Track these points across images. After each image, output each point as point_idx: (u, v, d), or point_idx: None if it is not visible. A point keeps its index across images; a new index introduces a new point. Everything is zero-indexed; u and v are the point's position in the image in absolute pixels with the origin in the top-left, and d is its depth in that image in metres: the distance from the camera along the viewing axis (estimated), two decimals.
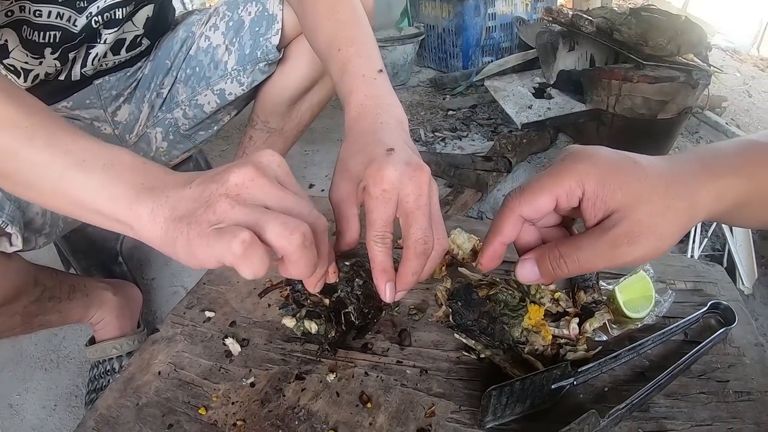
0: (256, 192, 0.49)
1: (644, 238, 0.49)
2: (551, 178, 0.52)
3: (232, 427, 0.66)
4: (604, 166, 0.51)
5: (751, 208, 0.53)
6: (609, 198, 0.50)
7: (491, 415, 0.61)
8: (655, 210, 0.49)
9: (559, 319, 0.70)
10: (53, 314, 1.10)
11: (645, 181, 0.50)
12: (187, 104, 1.25)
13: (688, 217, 0.50)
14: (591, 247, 0.50)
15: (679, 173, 0.51)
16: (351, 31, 0.78)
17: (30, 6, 0.96)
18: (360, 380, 0.71)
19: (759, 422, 0.63)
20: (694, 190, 0.50)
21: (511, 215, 0.54)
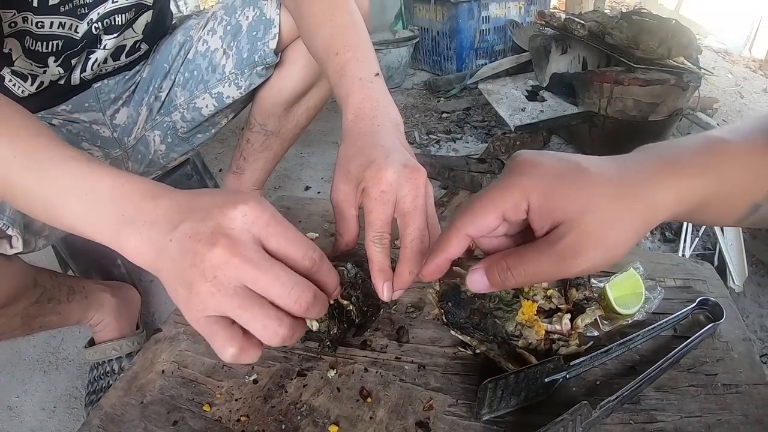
0: (232, 275, 0.48)
1: (591, 249, 0.47)
2: (495, 194, 0.51)
3: (236, 423, 0.68)
4: (548, 177, 0.49)
5: (715, 207, 0.51)
6: (554, 210, 0.48)
7: (487, 407, 0.63)
8: (602, 220, 0.47)
9: (552, 316, 0.72)
10: (53, 316, 1.11)
11: (592, 190, 0.48)
12: (185, 107, 1.27)
13: (642, 222, 0.48)
14: (537, 260, 0.49)
15: (634, 176, 0.49)
16: (348, 35, 0.80)
17: (32, 18, 0.97)
18: (360, 376, 0.72)
19: (747, 414, 0.65)
20: (651, 192, 0.48)
21: (457, 234, 0.53)
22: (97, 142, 1.21)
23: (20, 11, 0.96)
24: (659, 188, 0.48)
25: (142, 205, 0.52)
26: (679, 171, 0.49)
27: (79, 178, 0.54)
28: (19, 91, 1.07)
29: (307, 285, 0.50)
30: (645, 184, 0.48)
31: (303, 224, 1.05)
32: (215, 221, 0.49)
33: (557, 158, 0.50)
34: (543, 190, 0.48)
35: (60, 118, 1.16)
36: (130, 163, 1.30)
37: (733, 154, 0.49)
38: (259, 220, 0.49)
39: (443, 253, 0.55)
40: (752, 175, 0.49)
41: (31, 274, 1.02)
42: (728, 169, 0.49)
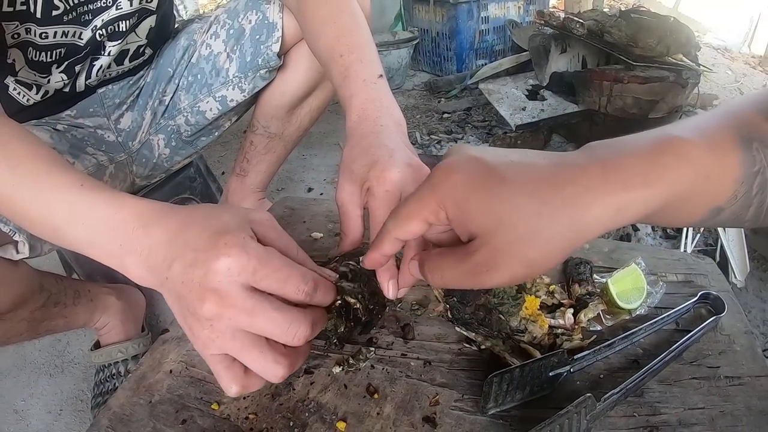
0: (226, 324, 0.49)
1: (505, 266, 0.45)
2: (418, 202, 0.49)
3: (244, 421, 0.68)
4: (463, 188, 0.46)
5: (667, 214, 0.47)
6: (468, 223, 0.46)
7: (493, 401, 0.64)
8: (517, 237, 0.44)
9: (555, 311, 0.73)
10: (59, 319, 1.12)
11: (510, 204, 0.44)
12: (189, 111, 1.28)
13: (567, 240, 0.44)
14: (453, 268, 0.48)
15: (566, 188, 0.44)
16: (352, 37, 0.81)
17: (36, 29, 0.98)
18: (366, 373, 0.73)
19: (749, 405, 0.66)
20: (582, 208, 0.44)
21: (388, 236, 0.53)
22: (102, 147, 1.22)
23: (23, 23, 0.96)
24: (594, 204, 0.43)
25: (135, 237, 0.54)
26: (622, 182, 0.44)
27: (76, 207, 0.56)
28: (24, 100, 1.08)
29: (303, 319, 0.52)
30: (577, 200, 0.44)
31: (307, 224, 1.06)
32: (202, 270, 0.49)
33: (479, 164, 0.47)
34: (457, 203, 0.46)
35: (64, 124, 1.17)
36: (134, 166, 1.31)
37: (692, 158, 0.45)
38: (245, 271, 0.50)
39: (378, 250, 0.55)
40: (713, 180, 0.45)
41: (36, 278, 1.02)
42: (683, 176, 0.44)
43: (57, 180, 0.58)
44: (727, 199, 0.46)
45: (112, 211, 0.55)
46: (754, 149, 0.45)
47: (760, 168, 0.45)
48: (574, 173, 0.45)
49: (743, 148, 0.45)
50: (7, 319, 0.96)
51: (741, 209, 0.47)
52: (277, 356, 0.52)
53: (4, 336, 0.98)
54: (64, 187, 0.57)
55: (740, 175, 0.45)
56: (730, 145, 0.45)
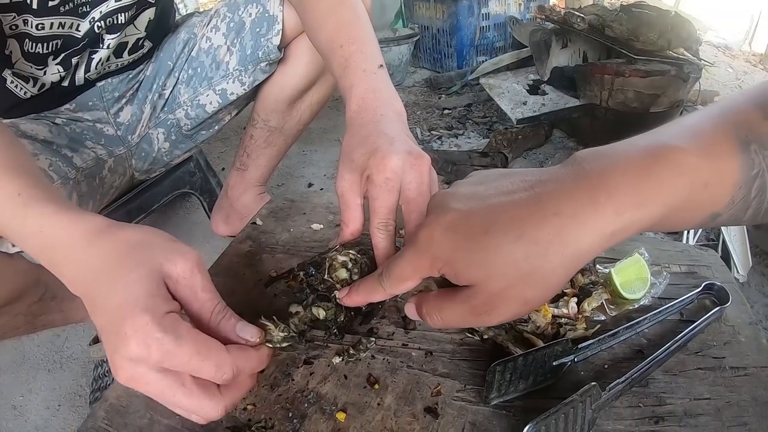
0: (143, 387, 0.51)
1: (503, 307, 0.46)
2: (410, 266, 0.52)
3: (242, 411, 0.67)
4: (450, 242, 0.47)
5: (663, 225, 0.46)
6: (461, 276, 0.47)
7: (496, 391, 0.63)
8: (511, 282, 0.45)
9: (558, 300, 0.72)
10: (56, 314, 1.11)
11: (497, 253, 0.44)
12: (189, 104, 1.27)
13: (564, 271, 0.44)
14: (453, 311, 0.49)
15: (549, 222, 0.43)
16: (352, 28, 0.80)
17: (32, 20, 0.98)
18: (367, 363, 0.72)
19: (755, 396, 0.65)
20: (574, 238, 0.43)
21: (381, 291, 0.57)
22: (101, 141, 1.22)
23: (20, 14, 0.96)
24: (585, 233, 0.43)
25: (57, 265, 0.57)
26: (613, 206, 0.42)
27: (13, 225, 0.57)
28: (22, 93, 1.07)
29: (208, 404, 0.52)
30: (566, 232, 0.43)
31: (307, 216, 1.05)
32: (114, 345, 0.49)
33: (462, 220, 0.47)
34: (447, 260, 0.47)
35: (63, 117, 1.17)
36: (133, 160, 1.31)
37: (689, 169, 0.43)
38: (149, 360, 0.48)
39: (366, 297, 0.61)
40: (710, 190, 0.44)
41: (34, 272, 1.01)
42: (679, 189, 0.43)
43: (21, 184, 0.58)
44: (725, 204, 0.45)
45: (37, 230, 0.56)
46: (753, 152, 0.44)
47: (759, 171, 0.44)
48: (558, 203, 0.44)
49: (742, 152, 0.44)
50: (4, 313, 0.95)
51: (739, 212, 0.46)
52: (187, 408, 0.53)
53: (1, 330, 0.97)
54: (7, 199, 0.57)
55: (738, 180, 0.44)
56: (728, 149, 0.44)
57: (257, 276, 0.90)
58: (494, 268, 0.45)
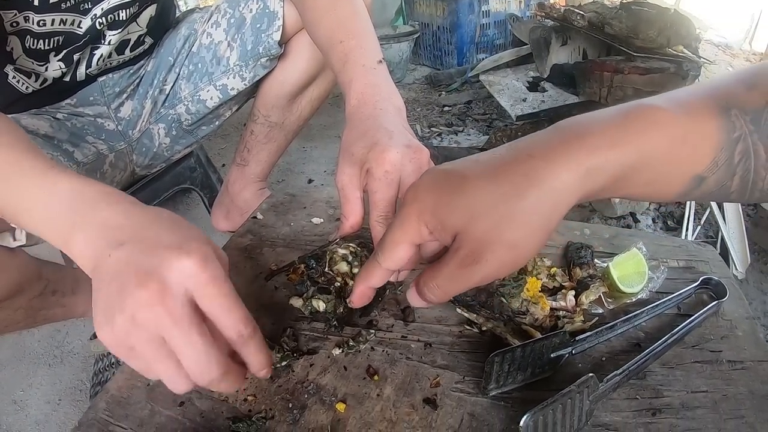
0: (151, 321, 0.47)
1: (489, 252, 0.45)
2: (398, 228, 0.50)
3: (243, 403, 0.68)
4: (432, 194, 0.48)
5: (641, 180, 0.46)
6: (444, 225, 0.47)
7: (494, 382, 0.63)
8: (492, 223, 0.44)
9: (556, 293, 0.73)
10: (57, 308, 1.11)
11: (475, 195, 0.45)
12: (189, 100, 1.27)
13: (543, 214, 0.45)
14: (444, 273, 0.48)
15: (523, 163, 0.45)
16: (352, 24, 0.81)
17: (33, 16, 0.98)
18: (366, 355, 0.73)
19: (752, 390, 0.65)
20: (548, 178, 0.44)
21: (378, 267, 0.54)
22: (102, 136, 1.22)
23: (21, 11, 0.96)
24: (560, 172, 0.44)
25: (96, 212, 0.53)
26: (585, 145, 0.44)
27: (39, 187, 0.55)
28: (24, 88, 1.08)
29: (217, 362, 0.49)
30: (538, 172, 0.44)
31: (308, 210, 1.05)
32: (156, 261, 0.48)
33: (442, 174, 0.49)
34: (431, 209, 0.48)
35: (64, 112, 1.17)
36: (134, 156, 1.31)
37: (663, 123, 0.44)
38: (198, 278, 0.48)
39: (366, 282, 0.57)
40: (689, 145, 0.45)
41: (35, 266, 1.02)
42: (655, 139, 0.44)
43: (26, 164, 0.57)
44: (708, 166, 0.45)
45: (76, 189, 0.55)
46: (733, 116, 0.45)
47: (741, 134, 0.45)
48: (532, 147, 0.46)
49: (721, 115, 0.45)
50: (4, 307, 0.95)
51: (725, 177, 0.46)
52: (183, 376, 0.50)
53: (2, 324, 0.97)
54: (31, 169, 0.56)
55: (719, 141, 0.45)
56: (706, 110, 0.45)
57: (258, 269, 0.91)
58: (473, 210, 0.45)
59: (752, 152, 0.45)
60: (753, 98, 0.45)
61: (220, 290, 0.49)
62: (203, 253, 0.49)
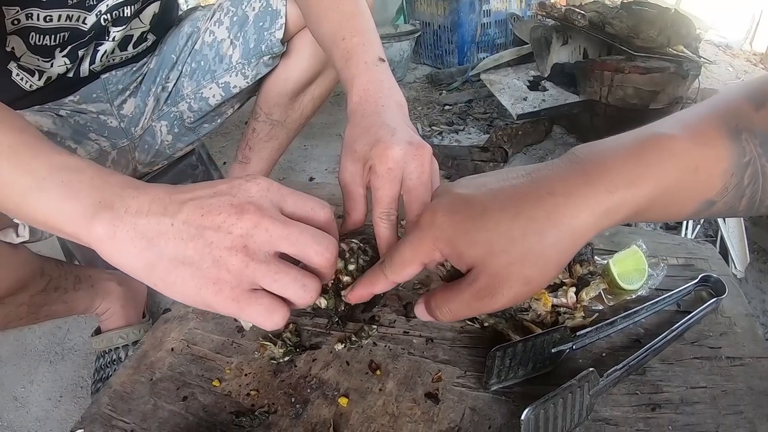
0: (263, 239, 0.47)
1: (506, 287, 0.46)
2: (411, 249, 0.52)
3: (245, 397, 0.69)
4: (450, 227, 0.48)
5: (658, 211, 0.47)
6: (461, 257, 0.48)
7: (495, 377, 0.64)
8: (511, 260, 0.45)
9: (557, 290, 0.73)
10: (59, 305, 1.12)
11: (495, 231, 0.46)
12: (192, 97, 1.28)
13: (562, 249, 0.46)
14: (458, 300, 0.50)
15: (544, 201, 0.46)
16: (354, 22, 0.81)
17: (39, 13, 0.98)
18: (369, 350, 0.74)
19: (751, 386, 0.66)
20: (569, 215, 0.45)
21: (383, 279, 0.56)
22: (104, 133, 1.22)
23: (24, 7, 0.96)
24: (580, 211, 0.45)
25: (124, 194, 0.49)
26: (606, 185, 0.44)
27: (59, 168, 0.50)
28: (27, 86, 1.08)
29: (330, 235, 0.52)
30: (560, 211, 0.45)
31: None
32: (230, 194, 0.48)
33: (462, 201, 0.49)
34: (448, 241, 0.48)
35: (67, 109, 1.17)
36: (136, 153, 1.31)
37: (678, 154, 0.45)
38: (273, 187, 0.50)
39: (369, 288, 0.59)
40: (701, 173, 0.45)
41: (37, 263, 1.02)
42: (670, 171, 0.45)
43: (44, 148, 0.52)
44: (718, 191, 0.46)
45: (100, 174, 0.51)
46: (744, 140, 0.45)
47: (751, 158, 0.45)
48: (552, 184, 0.46)
49: (731, 139, 0.45)
50: (7, 303, 0.96)
51: (733, 200, 0.47)
52: (307, 279, 0.49)
53: (4, 320, 0.98)
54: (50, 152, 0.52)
55: (729, 167, 0.45)
56: (717, 137, 0.45)
57: None
58: (493, 246, 0.46)
59: (760, 174, 0.46)
60: (762, 119, 0.46)
61: (292, 192, 0.52)
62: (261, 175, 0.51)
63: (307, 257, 0.49)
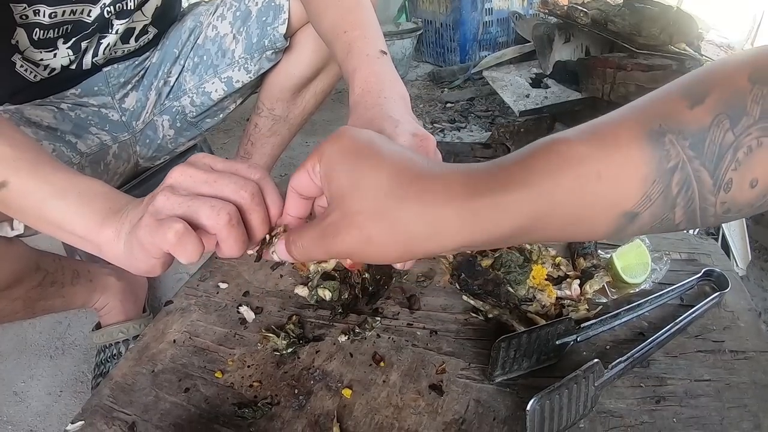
0: (187, 182, 0.51)
1: (346, 233, 0.44)
2: (309, 156, 0.48)
3: (248, 388, 0.69)
4: (341, 149, 0.46)
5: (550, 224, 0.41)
6: (330, 182, 0.45)
7: (500, 368, 0.64)
8: (363, 209, 0.43)
9: (561, 283, 0.73)
10: (56, 299, 1.11)
11: (369, 175, 0.43)
12: (194, 92, 1.28)
13: (414, 232, 0.42)
14: (309, 235, 0.47)
15: (425, 179, 0.42)
16: (355, 15, 0.81)
17: (45, 9, 0.98)
18: (372, 342, 0.74)
19: (755, 380, 0.66)
20: (436, 203, 0.41)
21: (290, 189, 0.52)
22: (106, 126, 1.22)
23: (31, 4, 0.96)
24: (448, 203, 0.41)
25: (127, 201, 0.58)
26: (481, 187, 0.41)
27: (75, 181, 0.60)
28: (31, 76, 1.08)
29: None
30: (430, 195, 0.41)
31: None
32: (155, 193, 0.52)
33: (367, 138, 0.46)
34: (329, 160, 0.46)
35: (69, 102, 1.17)
36: (138, 147, 1.31)
37: (570, 157, 0.40)
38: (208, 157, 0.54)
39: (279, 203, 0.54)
40: (607, 182, 0.39)
41: (33, 257, 1.02)
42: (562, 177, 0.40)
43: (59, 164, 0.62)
44: (638, 202, 0.40)
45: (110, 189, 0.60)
46: (667, 143, 0.39)
47: (678, 162, 0.39)
48: (443, 172, 0.43)
49: (650, 143, 0.39)
50: (2, 297, 0.95)
51: (663, 210, 0.41)
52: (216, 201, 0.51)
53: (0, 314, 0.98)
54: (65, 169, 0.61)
55: (649, 173, 0.39)
56: (631, 139, 0.39)
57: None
58: (358, 187, 0.43)
59: (693, 180, 0.40)
60: (696, 117, 0.39)
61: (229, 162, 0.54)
62: None
63: (224, 194, 0.51)
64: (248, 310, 0.80)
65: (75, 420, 0.67)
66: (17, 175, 0.60)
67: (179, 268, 1.66)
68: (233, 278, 0.88)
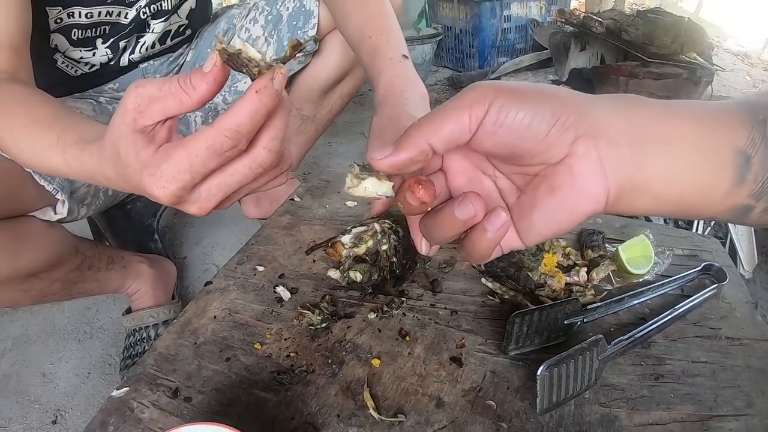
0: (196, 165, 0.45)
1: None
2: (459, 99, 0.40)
3: (285, 359, 0.75)
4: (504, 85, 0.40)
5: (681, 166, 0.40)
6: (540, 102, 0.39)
7: (514, 343, 0.71)
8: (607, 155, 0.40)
9: (570, 270, 0.80)
10: (92, 283, 1.18)
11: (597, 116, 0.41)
12: (226, 90, 1.35)
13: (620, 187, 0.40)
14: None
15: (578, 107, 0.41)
16: (380, 21, 0.87)
17: (81, 10, 1.05)
18: (399, 319, 0.81)
19: (749, 364, 0.72)
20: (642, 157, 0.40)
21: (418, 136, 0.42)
22: None
23: (66, 7, 1.03)
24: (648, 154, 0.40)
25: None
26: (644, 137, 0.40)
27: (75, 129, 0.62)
28: (72, 71, 1.15)
29: None
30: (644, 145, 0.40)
31: (342, 194, 1.13)
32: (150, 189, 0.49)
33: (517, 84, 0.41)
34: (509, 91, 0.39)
35: (107, 96, 1.24)
36: None
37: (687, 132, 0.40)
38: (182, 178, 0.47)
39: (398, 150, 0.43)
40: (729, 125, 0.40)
41: (72, 241, 1.09)
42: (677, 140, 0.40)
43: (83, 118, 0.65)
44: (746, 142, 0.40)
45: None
46: None
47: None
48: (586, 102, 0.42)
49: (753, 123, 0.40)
50: (43, 278, 1.01)
51: None
52: None
53: (39, 294, 1.03)
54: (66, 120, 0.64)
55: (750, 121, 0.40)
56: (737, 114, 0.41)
57: (297, 244, 0.99)
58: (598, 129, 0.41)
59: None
60: None
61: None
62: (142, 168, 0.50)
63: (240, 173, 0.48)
64: (284, 290, 0.87)
65: (120, 387, 0.72)
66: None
67: (206, 260, 1.72)
68: (269, 262, 0.95)
